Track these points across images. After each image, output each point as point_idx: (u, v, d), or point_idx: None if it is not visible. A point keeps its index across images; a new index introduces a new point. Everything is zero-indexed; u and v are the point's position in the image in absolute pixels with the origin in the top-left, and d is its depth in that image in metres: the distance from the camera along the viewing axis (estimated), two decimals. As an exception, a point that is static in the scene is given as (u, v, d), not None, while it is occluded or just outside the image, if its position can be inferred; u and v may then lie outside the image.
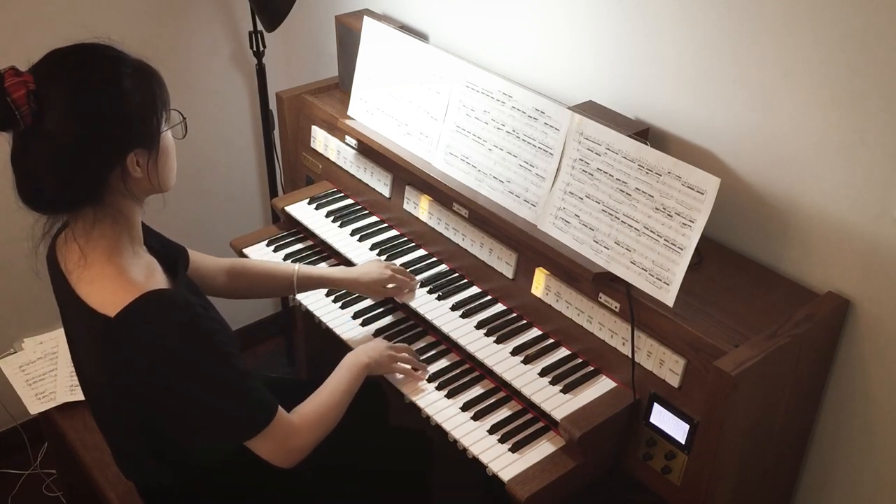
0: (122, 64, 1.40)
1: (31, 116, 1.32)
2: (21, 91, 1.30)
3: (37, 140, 1.35)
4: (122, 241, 1.46)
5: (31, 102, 1.31)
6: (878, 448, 1.76)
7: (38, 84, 1.33)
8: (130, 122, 1.40)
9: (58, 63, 1.38)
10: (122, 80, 1.39)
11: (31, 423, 2.46)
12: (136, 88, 1.40)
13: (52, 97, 1.33)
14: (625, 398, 1.73)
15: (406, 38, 2.13)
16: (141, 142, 1.42)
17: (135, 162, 1.41)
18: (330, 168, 2.40)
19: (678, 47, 1.80)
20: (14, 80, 1.31)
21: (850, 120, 1.59)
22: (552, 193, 1.83)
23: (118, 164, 1.40)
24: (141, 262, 1.48)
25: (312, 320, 2.07)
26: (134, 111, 1.40)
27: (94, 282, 1.43)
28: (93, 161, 1.38)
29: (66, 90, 1.35)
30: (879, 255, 1.63)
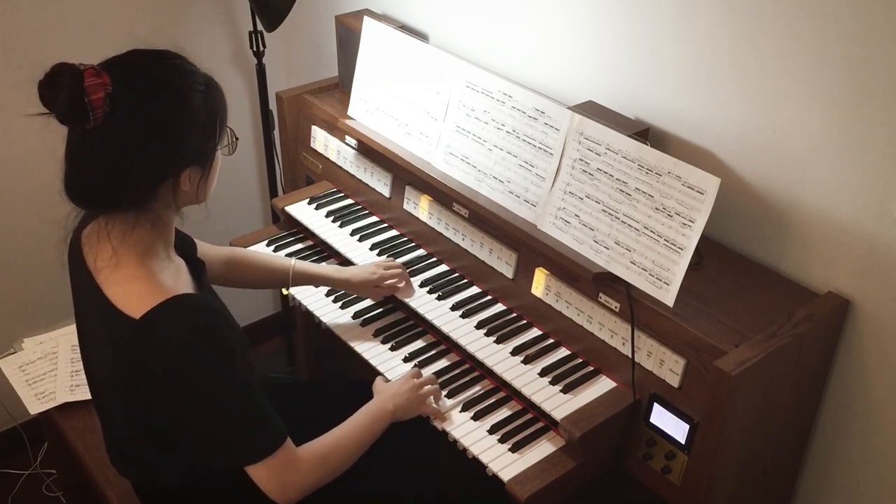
0: (195, 80, 1.42)
1: (103, 117, 1.33)
2: (100, 94, 1.31)
3: (100, 138, 1.35)
4: (157, 245, 1.47)
5: (105, 104, 1.32)
6: (878, 448, 1.76)
7: (114, 86, 1.33)
8: (193, 139, 1.42)
9: (135, 68, 1.39)
10: (192, 97, 1.41)
11: (31, 423, 2.46)
12: (203, 107, 1.42)
13: (125, 101, 1.34)
14: (625, 398, 1.73)
15: (406, 38, 2.13)
16: (198, 159, 1.44)
17: (187, 177, 1.43)
18: (330, 168, 2.40)
19: (678, 47, 1.80)
20: (94, 81, 1.31)
21: (850, 120, 1.59)
22: (552, 193, 1.83)
23: (172, 176, 1.42)
24: (171, 265, 1.49)
25: (312, 320, 2.07)
26: (198, 129, 1.42)
27: (124, 283, 1.43)
28: (149, 170, 1.39)
29: (140, 97, 1.36)
30: (879, 255, 1.63)
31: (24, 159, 2.47)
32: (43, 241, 2.55)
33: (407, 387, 1.75)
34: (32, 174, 2.49)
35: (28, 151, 2.46)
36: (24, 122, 2.41)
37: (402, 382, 1.77)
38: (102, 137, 1.35)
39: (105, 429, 1.68)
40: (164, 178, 1.41)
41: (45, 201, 2.57)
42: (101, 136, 1.35)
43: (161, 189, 1.42)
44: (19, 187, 2.49)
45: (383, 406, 1.69)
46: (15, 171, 2.47)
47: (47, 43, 2.38)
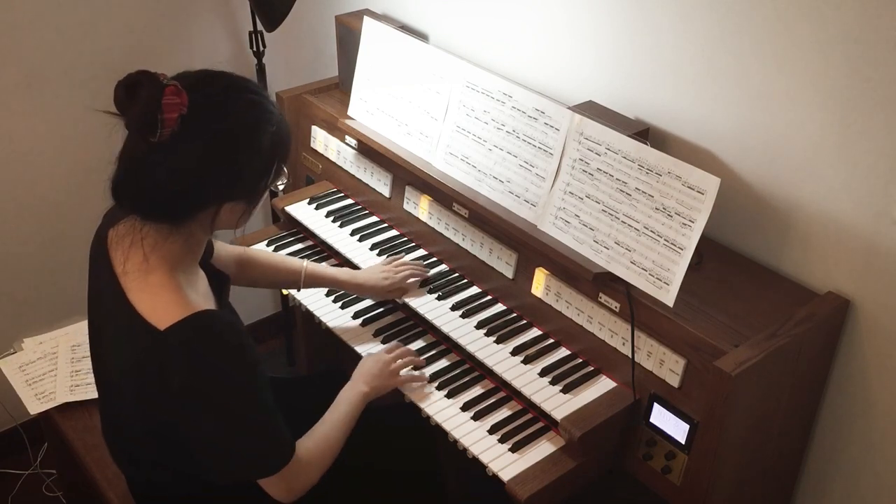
0: (270, 120, 1.43)
1: (170, 137, 1.33)
2: (174, 114, 1.31)
3: (160, 153, 1.35)
4: (186, 258, 1.48)
5: (176, 125, 1.32)
6: (878, 448, 1.76)
7: (190, 108, 1.33)
8: (247, 178, 1.43)
9: (216, 96, 1.39)
10: (262, 138, 1.42)
11: (31, 423, 2.46)
12: (269, 149, 1.43)
13: (198, 125, 1.34)
14: (625, 398, 1.73)
15: (406, 38, 2.13)
16: (245, 196, 1.45)
17: (230, 209, 1.44)
18: (330, 168, 2.40)
19: (678, 47, 1.80)
20: (173, 101, 1.30)
21: (850, 120, 1.59)
22: (552, 193, 1.83)
23: (216, 205, 1.43)
24: (195, 279, 1.50)
25: (312, 320, 2.07)
26: (256, 169, 1.43)
27: (150, 291, 1.43)
28: (199, 195, 1.40)
29: (211, 126, 1.37)
30: (879, 255, 1.63)
31: (25, 161, 2.47)
32: (43, 241, 2.56)
33: (378, 365, 1.79)
34: (33, 176, 2.49)
35: (29, 153, 2.47)
36: (27, 124, 2.43)
37: (374, 361, 1.80)
38: (162, 153, 1.35)
39: (108, 424, 1.67)
40: (208, 206, 1.42)
41: (45, 202, 2.58)
42: (161, 152, 1.35)
43: (202, 214, 1.43)
44: (20, 188, 2.49)
45: (359, 390, 1.73)
46: (16, 173, 2.47)
47: (47, 43, 2.38)
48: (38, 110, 2.45)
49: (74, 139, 2.50)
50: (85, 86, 2.45)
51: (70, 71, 2.44)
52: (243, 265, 1.93)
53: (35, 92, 2.42)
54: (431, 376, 1.85)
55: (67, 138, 2.50)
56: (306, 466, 1.55)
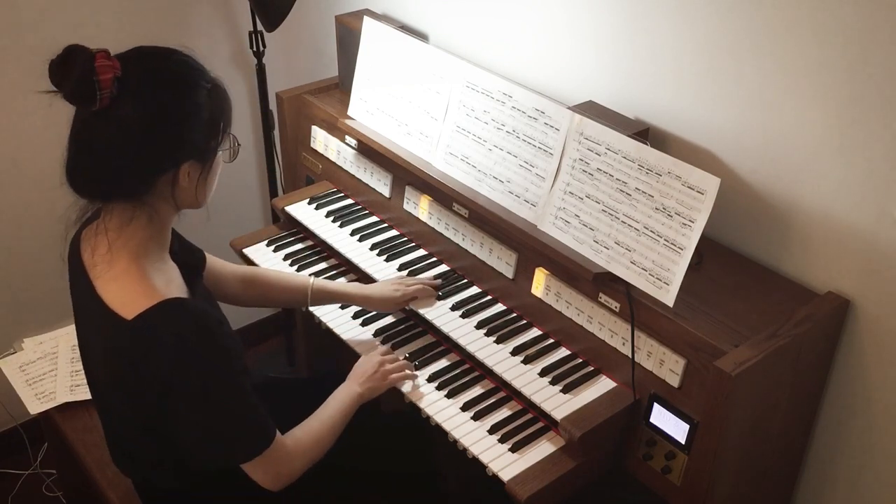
0: (203, 77, 1.46)
1: (109, 99, 1.35)
2: (109, 74, 1.34)
3: (105, 122, 1.38)
4: (151, 244, 1.48)
5: (113, 87, 1.35)
6: (878, 448, 1.76)
7: (123, 71, 1.36)
8: (195, 134, 1.44)
9: (146, 57, 1.43)
10: (199, 92, 1.44)
11: (31, 423, 2.46)
12: (209, 103, 1.45)
13: (134, 86, 1.37)
14: (625, 398, 1.73)
15: (406, 38, 2.13)
16: (198, 155, 1.46)
17: (187, 172, 1.45)
18: (330, 168, 2.40)
19: (678, 47, 1.80)
20: (104, 63, 1.34)
21: (849, 120, 1.59)
22: (552, 193, 1.83)
23: (172, 168, 1.43)
24: (164, 268, 1.50)
25: (312, 320, 2.07)
26: (202, 124, 1.45)
27: (116, 280, 1.44)
28: (151, 157, 1.41)
29: (149, 84, 1.39)
30: (879, 255, 1.63)
31: (24, 159, 2.47)
32: (43, 241, 2.55)
33: (372, 364, 1.80)
34: (33, 174, 2.50)
35: (28, 152, 2.47)
36: (25, 122, 2.43)
37: (368, 360, 1.82)
38: (107, 121, 1.37)
39: (105, 428, 1.68)
40: (164, 168, 1.43)
41: (45, 201, 2.58)
42: (105, 120, 1.37)
43: (160, 181, 1.43)
44: (19, 187, 2.49)
45: (352, 390, 1.74)
46: (15, 172, 2.47)
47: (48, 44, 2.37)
48: (38, 110, 2.44)
49: (74, 139, 2.50)
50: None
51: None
52: (248, 284, 1.92)
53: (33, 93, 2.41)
54: (431, 376, 1.85)
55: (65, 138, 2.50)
56: (292, 454, 1.56)
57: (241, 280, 1.91)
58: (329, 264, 2.21)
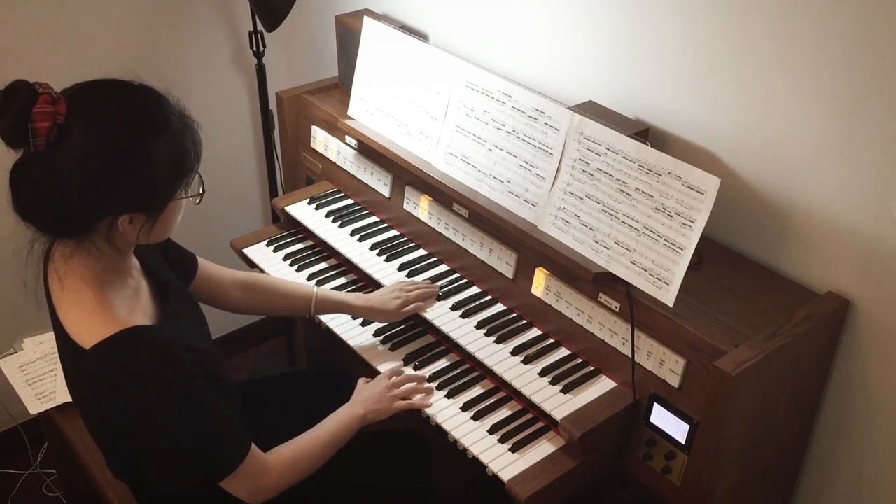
0: (164, 126, 1.35)
1: (45, 146, 1.28)
2: (46, 123, 1.27)
3: (41, 164, 1.31)
4: (108, 273, 1.42)
5: (50, 134, 1.28)
6: (878, 448, 1.76)
7: (68, 116, 1.28)
8: (143, 189, 1.36)
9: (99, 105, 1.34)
10: (156, 146, 1.34)
11: (31, 423, 2.46)
12: (167, 155, 1.36)
13: (77, 134, 1.29)
14: (625, 398, 1.73)
15: (406, 38, 2.13)
16: (144, 209, 1.38)
17: (127, 221, 1.37)
18: (330, 168, 2.40)
19: (678, 47, 1.80)
20: (45, 109, 1.26)
21: (850, 120, 1.59)
22: (552, 193, 1.83)
23: (109, 217, 1.36)
24: (126, 291, 1.45)
25: (312, 320, 2.07)
26: (155, 179, 1.36)
27: (71, 309, 1.41)
28: (86, 206, 1.34)
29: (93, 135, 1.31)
30: (879, 255, 1.63)
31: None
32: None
33: (378, 390, 1.75)
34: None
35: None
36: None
37: (374, 385, 1.77)
38: (42, 163, 1.31)
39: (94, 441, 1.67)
40: (101, 216, 1.36)
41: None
42: (41, 161, 1.31)
43: (98, 226, 1.37)
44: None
45: (354, 412, 1.70)
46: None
47: (48, 45, 2.38)
48: None
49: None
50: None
51: (70, 73, 2.40)
52: (248, 289, 1.89)
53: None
54: (431, 376, 1.85)
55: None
56: (273, 470, 1.53)
57: (241, 286, 1.88)
58: (329, 264, 2.21)
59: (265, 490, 1.53)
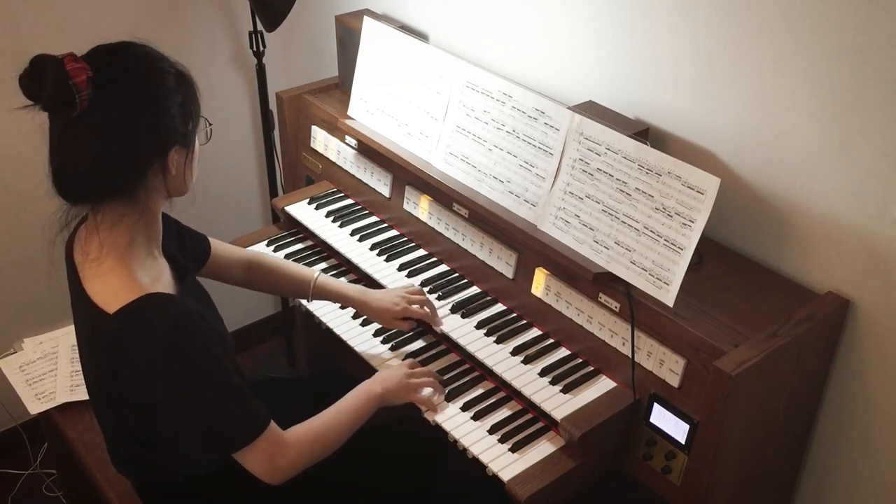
0: (167, 64, 1.45)
1: (88, 101, 1.34)
2: (82, 76, 1.33)
3: (85, 126, 1.37)
4: (140, 240, 1.48)
5: (89, 87, 1.34)
6: (877, 448, 1.76)
7: (93, 71, 1.35)
8: (174, 119, 1.44)
9: (109, 55, 1.41)
10: (167, 78, 1.43)
11: (31, 423, 2.46)
12: (178, 88, 1.45)
13: (107, 84, 1.36)
14: (625, 398, 1.73)
15: (406, 38, 2.13)
16: (181, 140, 1.46)
17: (174, 159, 1.45)
18: (330, 168, 2.40)
19: (678, 47, 1.80)
20: (75, 66, 1.33)
21: (849, 120, 1.59)
22: (552, 193, 1.83)
23: (160, 158, 1.43)
24: (153, 264, 1.50)
25: (312, 320, 2.07)
26: (177, 109, 1.44)
27: (102, 277, 1.44)
28: (139, 151, 1.41)
29: (120, 80, 1.39)
30: (879, 255, 1.63)
31: (21, 158, 2.47)
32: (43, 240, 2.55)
33: (400, 373, 1.76)
34: (31, 173, 2.49)
35: (25, 150, 2.46)
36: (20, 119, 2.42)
37: (395, 368, 1.79)
38: (88, 123, 1.36)
39: (102, 428, 1.68)
40: (152, 159, 1.43)
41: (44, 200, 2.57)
42: (86, 123, 1.36)
43: (150, 173, 1.43)
44: (18, 186, 2.49)
45: (372, 389, 1.70)
46: (13, 170, 2.47)
47: (47, 44, 2.37)
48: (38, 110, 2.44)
49: (74, 139, 2.50)
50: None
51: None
52: (252, 269, 1.92)
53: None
54: (431, 376, 1.85)
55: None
56: (291, 447, 1.53)
57: (245, 265, 1.92)
58: (329, 264, 2.21)
59: (283, 469, 1.53)
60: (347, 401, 1.67)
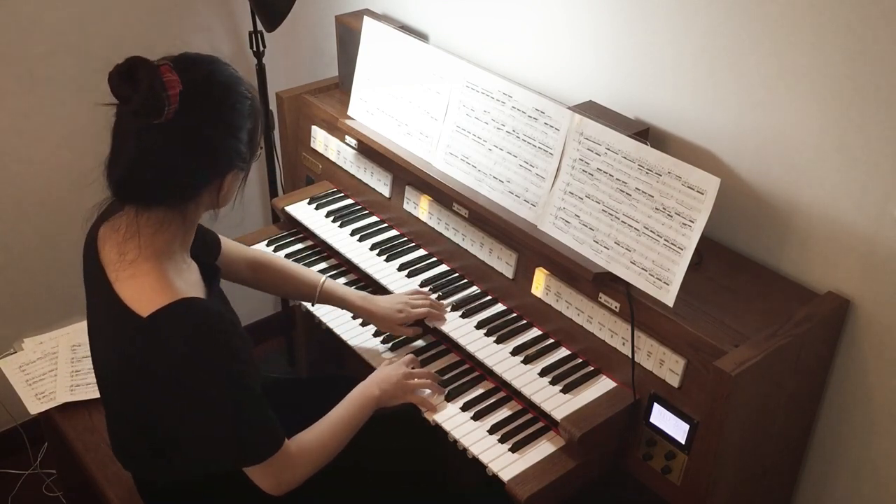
0: (245, 89, 1.47)
1: (174, 114, 1.36)
2: (176, 90, 1.35)
3: (162, 134, 1.37)
4: (176, 245, 1.48)
5: (178, 101, 1.35)
6: (878, 448, 1.76)
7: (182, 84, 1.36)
8: (241, 144, 1.46)
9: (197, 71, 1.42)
10: (245, 103, 1.46)
11: (31, 423, 2.46)
12: (251, 116, 1.48)
13: (192, 101, 1.37)
14: (625, 398, 1.73)
15: (406, 38, 2.13)
16: (242, 165, 1.48)
17: (230, 180, 1.47)
18: (330, 168, 2.40)
19: (678, 47, 1.80)
20: (171, 77, 1.35)
21: (849, 119, 1.59)
22: (552, 193, 1.83)
23: (219, 178, 1.45)
24: (185, 268, 1.50)
25: (312, 320, 2.07)
26: (246, 135, 1.47)
27: (135, 280, 1.44)
28: (203, 169, 1.43)
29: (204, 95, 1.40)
30: (879, 255, 1.63)
31: (25, 160, 2.47)
32: (43, 241, 2.56)
33: (398, 373, 1.76)
34: (34, 175, 2.50)
35: (29, 152, 2.46)
36: (23, 122, 2.43)
37: (393, 367, 1.79)
38: (164, 133, 1.37)
39: (108, 420, 1.68)
40: (213, 178, 1.45)
41: (44, 202, 2.58)
42: (163, 132, 1.37)
43: (206, 189, 1.45)
44: (20, 188, 2.49)
45: (369, 391, 1.71)
46: (15, 172, 2.47)
47: (47, 43, 2.38)
48: (37, 110, 2.45)
49: (74, 138, 2.50)
50: (84, 85, 2.45)
51: (69, 71, 2.44)
52: (258, 269, 1.92)
53: (35, 92, 2.42)
54: (431, 376, 1.85)
55: (67, 137, 2.50)
56: (297, 461, 1.54)
57: (252, 264, 1.91)
58: (329, 264, 2.21)
59: (287, 483, 1.54)
60: (346, 406, 1.68)
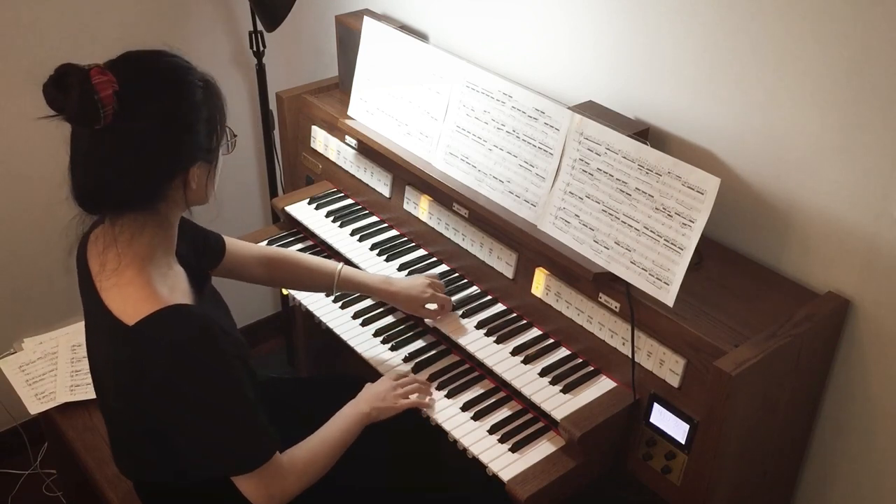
0: (195, 76, 1.43)
1: (113, 116, 1.33)
2: (108, 91, 1.31)
3: (110, 139, 1.35)
4: (158, 251, 1.46)
5: (114, 102, 1.32)
6: (878, 448, 1.76)
7: (119, 84, 1.33)
8: (199, 135, 1.42)
9: (137, 66, 1.39)
10: (195, 92, 1.41)
11: (31, 423, 2.46)
12: (205, 102, 1.43)
13: (133, 97, 1.34)
14: (625, 398, 1.73)
15: (406, 38, 2.13)
16: (204, 156, 1.44)
17: (195, 175, 1.43)
18: (330, 168, 2.40)
19: (678, 47, 1.80)
20: (101, 79, 1.31)
21: (849, 120, 1.59)
22: (552, 193, 1.83)
23: (182, 173, 1.42)
24: (170, 273, 1.49)
25: (312, 320, 2.07)
26: (203, 124, 1.43)
27: (121, 288, 1.43)
28: (161, 166, 1.40)
29: (146, 94, 1.37)
30: (879, 255, 1.63)
31: (23, 160, 2.47)
32: (43, 241, 2.56)
33: (385, 387, 1.76)
34: (33, 175, 2.49)
35: (27, 152, 2.46)
36: (23, 122, 2.43)
37: (380, 383, 1.79)
38: (112, 137, 1.35)
39: (108, 428, 1.68)
40: (174, 174, 1.41)
41: (44, 201, 2.57)
42: (110, 136, 1.35)
43: (171, 187, 1.42)
44: (19, 188, 2.49)
45: (359, 410, 1.71)
46: (14, 172, 2.47)
47: (46, 44, 2.38)
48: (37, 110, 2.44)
49: (74, 139, 2.50)
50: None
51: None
52: (271, 266, 1.91)
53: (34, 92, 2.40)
54: (431, 376, 1.85)
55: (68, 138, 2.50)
56: (287, 474, 1.52)
57: (264, 262, 1.90)
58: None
59: (278, 497, 1.52)
60: (337, 423, 1.67)
